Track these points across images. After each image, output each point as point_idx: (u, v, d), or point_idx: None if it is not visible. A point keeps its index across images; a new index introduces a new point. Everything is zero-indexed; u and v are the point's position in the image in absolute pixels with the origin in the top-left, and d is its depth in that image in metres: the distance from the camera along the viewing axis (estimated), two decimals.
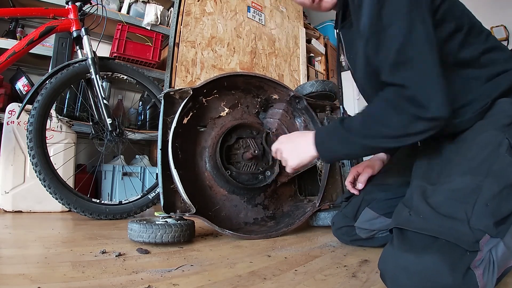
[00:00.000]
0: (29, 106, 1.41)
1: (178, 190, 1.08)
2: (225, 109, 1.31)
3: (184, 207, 1.09)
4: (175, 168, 1.08)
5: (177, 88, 1.15)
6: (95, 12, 1.66)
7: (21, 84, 1.90)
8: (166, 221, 1.03)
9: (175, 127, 1.12)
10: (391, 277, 0.58)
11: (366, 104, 0.89)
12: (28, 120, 1.35)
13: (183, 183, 1.07)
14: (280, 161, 1.31)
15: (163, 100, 1.13)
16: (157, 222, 0.99)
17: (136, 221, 0.99)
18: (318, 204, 1.29)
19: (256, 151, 1.27)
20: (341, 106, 1.50)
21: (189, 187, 1.10)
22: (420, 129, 0.66)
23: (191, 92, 1.16)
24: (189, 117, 1.21)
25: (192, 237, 1.05)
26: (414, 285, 0.54)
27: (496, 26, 3.36)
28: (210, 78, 1.22)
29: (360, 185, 1.02)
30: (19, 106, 1.61)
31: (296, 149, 0.90)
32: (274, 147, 0.98)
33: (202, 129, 1.26)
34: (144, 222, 0.98)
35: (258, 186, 1.27)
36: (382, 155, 1.08)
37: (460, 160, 0.68)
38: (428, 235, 0.56)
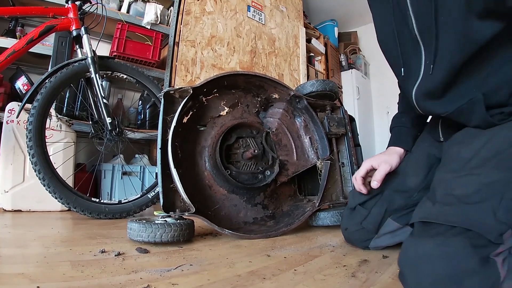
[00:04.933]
0: (28, 105, 1.41)
1: (178, 190, 1.08)
2: (225, 108, 1.31)
3: (183, 206, 1.09)
4: (174, 167, 1.07)
5: (177, 87, 1.14)
6: (95, 11, 1.66)
7: (20, 83, 1.90)
8: (165, 220, 1.02)
9: (175, 126, 1.12)
10: (411, 266, 0.56)
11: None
12: (28, 119, 1.35)
13: (183, 182, 1.07)
14: (280, 160, 1.28)
15: (163, 99, 1.13)
16: (156, 222, 0.99)
17: (136, 220, 0.99)
18: (317, 204, 1.29)
19: (256, 151, 1.26)
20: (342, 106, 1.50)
21: (188, 186, 1.09)
22: None
23: (191, 91, 1.15)
24: (189, 116, 1.21)
25: (192, 237, 1.05)
26: (436, 272, 0.52)
27: None
28: (210, 77, 1.21)
29: (375, 184, 0.87)
30: (18, 105, 1.61)
31: None
32: None
33: (202, 128, 1.25)
34: (144, 221, 0.98)
35: (257, 186, 1.26)
36: (399, 149, 0.96)
37: (492, 154, 0.63)
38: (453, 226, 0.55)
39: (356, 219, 0.94)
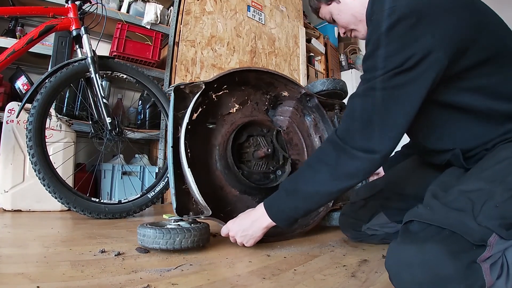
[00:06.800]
0: (28, 105, 1.41)
1: (191, 191, 1.01)
2: (235, 105, 1.25)
3: (196, 209, 1.02)
4: (188, 167, 1.00)
5: (188, 82, 1.08)
6: (95, 11, 1.66)
7: (20, 83, 1.90)
8: (178, 224, 0.95)
9: (187, 123, 1.05)
10: (394, 273, 0.56)
11: None
12: (28, 119, 1.35)
13: (196, 183, 1.00)
14: (291, 159, 1.30)
15: (173, 94, 1.06)
16: (168, 226, 0.92)
17: (148, 225, 0.91)
18: (331, 204, 1.25)
19: (269, 149, 1.21)
20: None
21: (199, 187, 1.01)
22: None
23: (203, 87, 1.08)
24: (198, 113, 1.13)
25: (208, 242, 0.97)
26: (416, 279, 0.53)
27: None
28: (222, 73, 1.16)
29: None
30: (18, 105, 1.61)
31: (248, 228, 0.91)
32: (224, 232, 0.97)
33: (211, 126, 1.18)
34: (158, 227, 0.90)
35: (270, 186, 1.21)
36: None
37: (476, 170, 0.68)
38: (434, 226, 0.56)
39: (354, 207, 1.07)
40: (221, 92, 1.22)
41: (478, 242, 0.52)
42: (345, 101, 1.53)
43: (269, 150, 1.21)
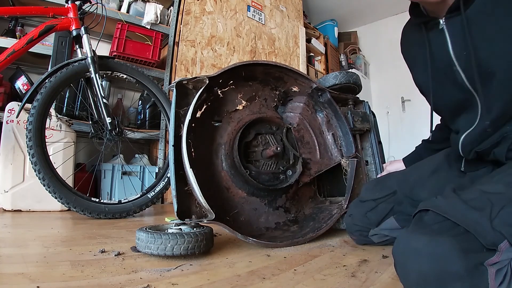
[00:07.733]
0: (28, 105, 1.41)
1: (194, 193, 0.95)
2: (242, 102, 1.18)
3: (200, 212, 0.96)
4: (190, 167, 0.94)
5: (191, 77, 1.02)
6: (95, 11, 1.66)
7: (20, 83, 1.90)
8: (180, 228, 0.90)
9: (189, 120, 0.99)
10: (401, 260, 0.56)
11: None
12: (28, 119, 1.35)
13: (199, 184, 0.94)
14: (302, 158, 1.23)
15: (175, 90, 1.01)
16: (169, 230, 0.87)
17: (146, 228, 0.87)
18: (345, 205, 1.18)
19: (278, 148, 1.14)
20: (367, 104, 1.43)
21: (204, 189, 0.95)
22: None
23: (207, 82, 1.03)
24: (202, 110, 1.07)
25: (211, 247, 0.91)
26: (421, 270, 0.52)
27: None
28: (227, 66, 1.10)
29: None
30: (18, 105, 1.61)
31: None
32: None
33: (217, 124, 1.12)
34: (158, 230, 0.86)
35: (279, 187, 1.14)
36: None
37: (499, 173, 0.66)
38: (449, 221, 0.55)
39: (363, 208, 1.00)
40: (227, 88, 1.16)
41: (490, 245, 0.52)
42: (359, 95, 1.47)
43: (279, 148, 1.14)
